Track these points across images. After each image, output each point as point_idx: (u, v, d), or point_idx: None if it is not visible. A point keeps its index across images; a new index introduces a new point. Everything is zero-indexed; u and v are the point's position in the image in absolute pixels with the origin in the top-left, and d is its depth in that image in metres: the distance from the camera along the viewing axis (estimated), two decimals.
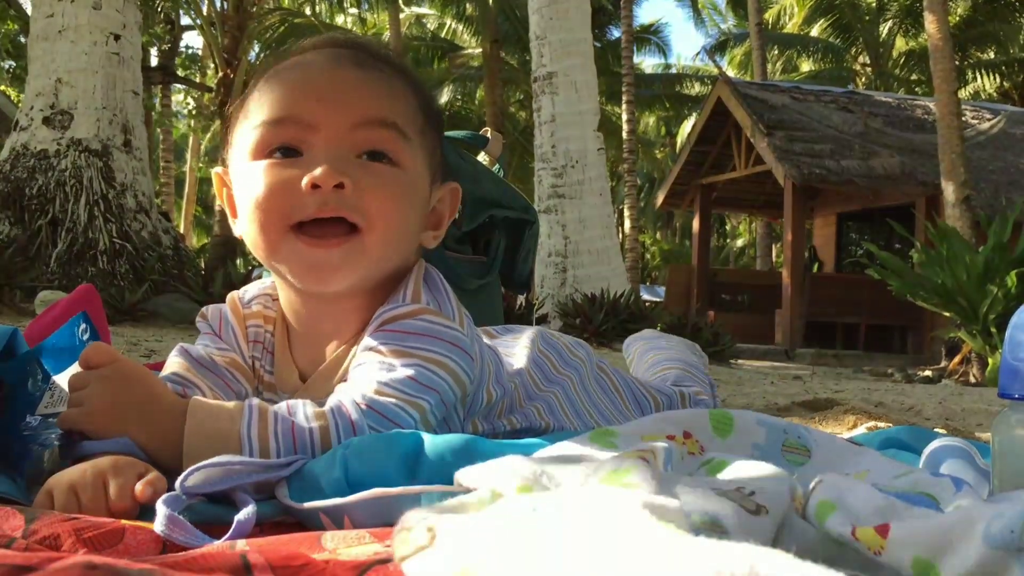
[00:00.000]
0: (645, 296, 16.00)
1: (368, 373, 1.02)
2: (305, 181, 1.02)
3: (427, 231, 1.18)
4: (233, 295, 1.21)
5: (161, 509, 0.78)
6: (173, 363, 1.13)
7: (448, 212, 1.21)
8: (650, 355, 1.76)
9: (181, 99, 26.08)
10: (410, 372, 1.01)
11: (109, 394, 0.96)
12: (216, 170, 1.19)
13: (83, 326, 1.14)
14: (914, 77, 24.99)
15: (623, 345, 1.92)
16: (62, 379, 1.09)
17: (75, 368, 1.03)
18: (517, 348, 1.32)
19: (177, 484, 0.84)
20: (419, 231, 1.15)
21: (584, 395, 1.34)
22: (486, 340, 1.30)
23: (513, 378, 1.22)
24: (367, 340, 1.05)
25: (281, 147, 1.06)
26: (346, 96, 1.06)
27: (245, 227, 1.09)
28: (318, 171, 1.02)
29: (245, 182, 1.08)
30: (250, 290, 1.22)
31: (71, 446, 0.95)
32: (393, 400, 0.99)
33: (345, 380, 1.05)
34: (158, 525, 0.77)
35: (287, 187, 1.03)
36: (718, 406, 1.61)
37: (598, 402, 1.36)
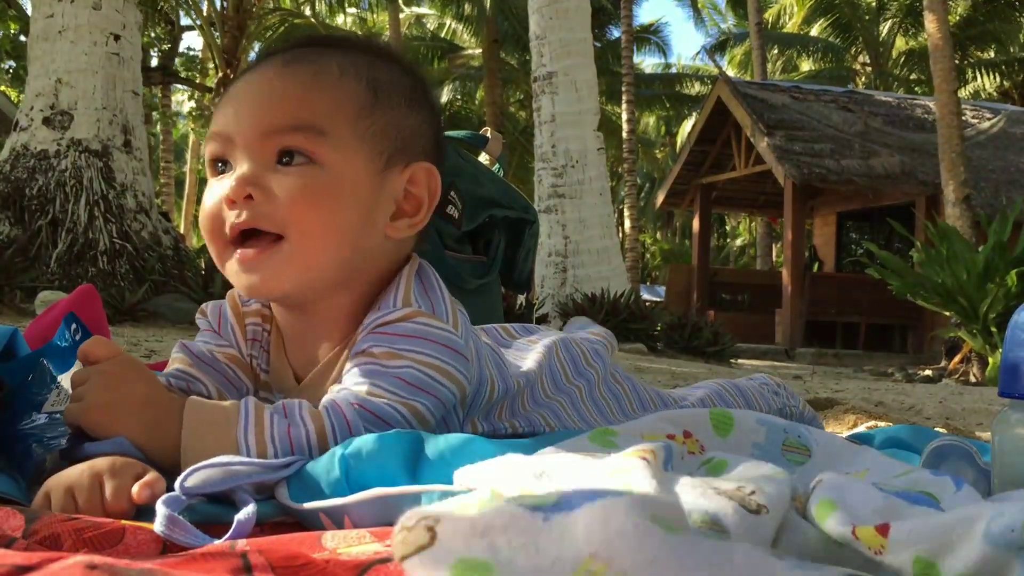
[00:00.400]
0: (645, 296, 16.00)
1: (361, 375, 1.02)
2: (221, 197, 1.04)
3: (400, 220, 1.10)
4: (233, 292, 1.20)
5: (161, 509, 0.78)
6: (175, 359, 1.14)
7: (428, 195, 1.11)
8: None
9: (181, 99, 26.13)
10: (402, 374, 1.01)
11: (107, 389, 0.96)
12: None
13: (74, 326, 1.14)
14: (914, 76, 25.01)
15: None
16: (65, 379, 1.09)
17: (77, 367, 1.04)
18: (531, 351, 1.30)
19: (177, 484, 0.84)
20: (367, 225, 1.07)
21: (592, 406, 1.32)
22: (506, 338, 1.30)
23: (518, 377, 1.21)
24: (360, 343, 1.05)
25: (218, 161, 1.07)
26: (256, 103, 1.05)
27: None
28: (227, 186, 1.03)
29: None
30: None
31: (73, 447, 0.95)
32: (385, 401, 0.99)
33: (339, 383, 1.05)
34: (158, 525, 0.77)
35: (214, 208, 1.05)
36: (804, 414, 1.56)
37: (607, 411, 1.34)
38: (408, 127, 1.11)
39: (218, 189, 1.05)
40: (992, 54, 24.10)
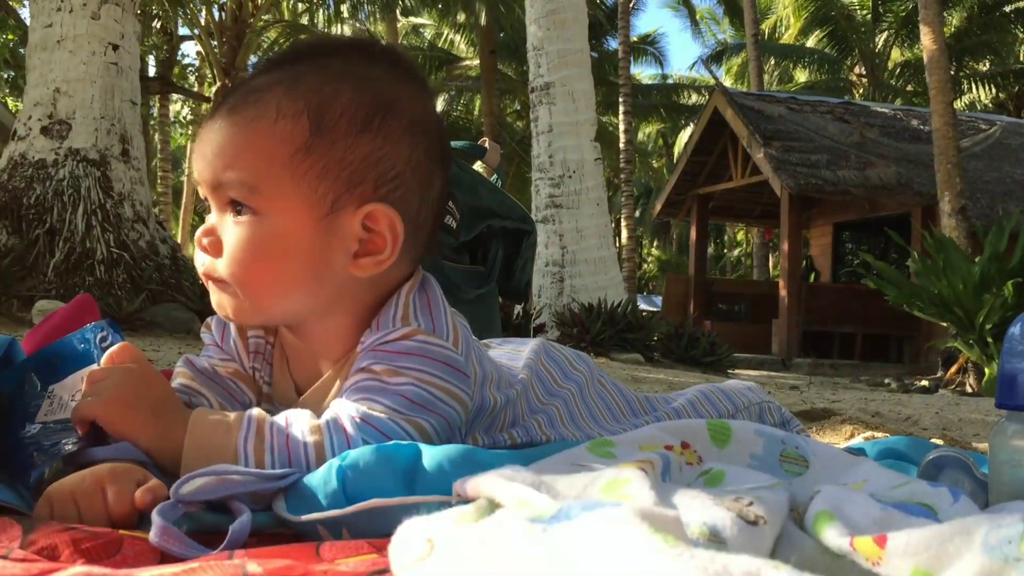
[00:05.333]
0: (642, 306, 16.00)
1: (362, 391, 1.02)
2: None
3: (364, 258, 1.04)
4: None
5: (156, 519, 0.78)
6: (179, 374, 1.15)
7: (390, 235, 1.04)
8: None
9: (180, 109, 26.16)
10: (403, 391, 1.01)
11: (128, 386, 0.98)
12: None
13: (103, 333, 1.15)
14: (910, 88, 25.09)
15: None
16: (71, 383, 1.09)
17: (87, 371, 1.05)
18: (519, 360, 1.31)
19: (171, 491, 0.84)
20: (316, 273, 1.04)
21: (584, 408, 1.33)
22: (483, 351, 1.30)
23: (515, 386, 1.21)
24: (359, 361, 1.05)
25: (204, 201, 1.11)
26: (202, 154, 1.06)
27: None
28: (198, 232, 1.08)
29: None
30: None
31: (76, 452, 0.95)
32: (387, 416, 0.99)
33: (340, 398, 1.05)
34: (152, 535, 0.77)
35: (198, 248, 1.10)
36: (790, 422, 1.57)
37: (597, 414, 1.35)
38: (359, 158, 1.03)
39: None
40: (987, 66, 24.21)
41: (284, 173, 1.02)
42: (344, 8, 19.01)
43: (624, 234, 19.79)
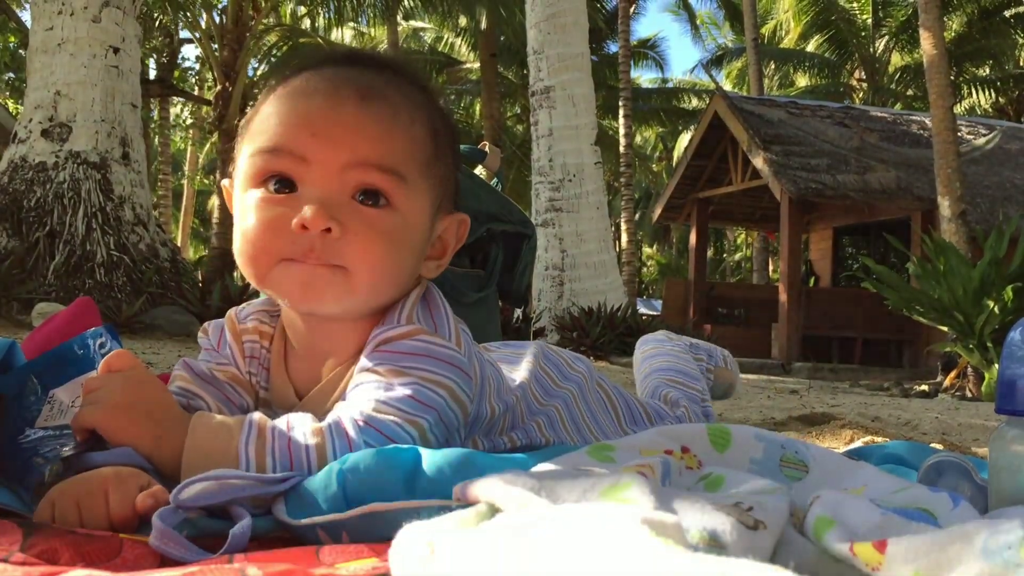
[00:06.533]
0: (642, 310, 16.01)
1: (366, 392, 1.02)
2: (295, 222, 1.00)
3: (429, 261, 1.14)
4: (231, 312, 1.21)
5: (156, 523, 0.78)
6: (177, 377, 1.14)
7: (453, 242, 1.17)
8: (645, 365, 1.76)
9: (179, 111, 26.17)
10: (408, 391, 1.01)
11: (126, 393, 0.98)
12: (224, 183, 1.17)
13: (101, 339, 1.15)
14: (910, 92, 25.09)
15: (636, 344, 1.90)
16: (71, 388, 1.09)
17: (86, 377, 1.05)
18: (518, 363, 1.32)
19: (171, 496, 0.84)
20: (416, 266, 1.11)
21: (585, 408, 1.33)
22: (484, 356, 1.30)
23: (514, 392, 1.22)
24: (363, 361, 1.05)
25: (275, 176, 1.04)
26: (340, 134, 1.02)
27: (236, 253, 1.08)
28: (308, 213, 1.00)
29: (240, 211, 1.07)
30: (249, 306, 1.22)
31: (77, 457, 0.95)
32: (392, 418, 0.99)
33: (343, 400, 1.05)
34: (153, 539, 0.77)
35: (277, 225, 1.02)
36: (711, 419, 1.62)
37: (598, 416, 1.35)
38: (453, 176, 1.16)
39: (282, 208, 1.02)
40: (987, 71, 24.23)
41: (419, 173, 1.08)
42: (347, 9, 18.96)
43: (624, 238, 19.80)
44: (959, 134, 11.85)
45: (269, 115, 1.06)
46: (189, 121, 25.40)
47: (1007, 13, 22.84)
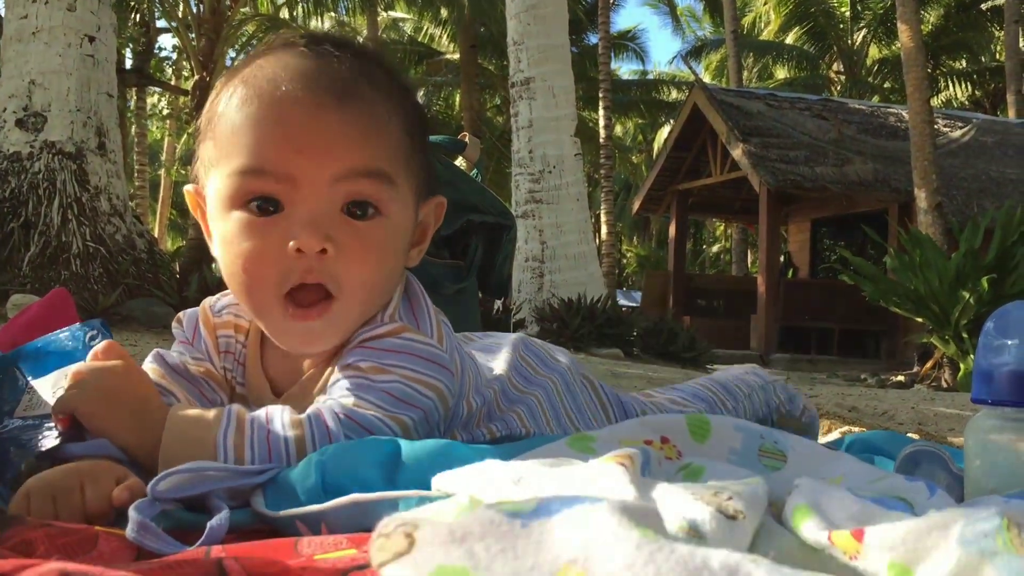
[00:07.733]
0: (622, 301, 16.05)
1: (347, 387, 1.01)
2: (291, 246, 0.97)
3: (412, 249, 1.13)
4: (205, 303, 1.18)
5: (133, 515, 0.78)
6: (149, 369, 1.12)
7: (432, 224, 1.15)
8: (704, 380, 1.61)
9: (155, 101, 25.95)
10: (389, 388, 1.01)
11: (111, 383, 0.98)
12: (188, 188, 1.12)
13: (92, 332, 1.13)
14: (887, 85, 25.28)
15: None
16: (54, 378, 1.08)
17: (71, 367, 1.03)
18: (497, 353, 1.31)
19: (148, 488, 0.84)
20: (402, 263, 1.10)
21: (571, 401, 1.31)
22: (465, 347, 1.29)
23: (492, 384, 1.21)
24: (345, 357, 1.04)
25: (259, 198, 1.00)
26: (324, 145, 0.98)
27: (227, 280, 1.05)
28: (302, 235, 0.97)
29: (223, 235, 1.02)
30: (224, 297, 1.18)
31: (53, 448, 0.94)
32: (372, 413, 0.99)
33: (324, 395, 1.05)
34: (129, 531, 0.77)
35: (272, 252, 0.99)
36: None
37: (585, 410, 1.33)
38: (428, 162, 1.12)
39: (272, 233, 0.99)
40: (964, 64, 24.44)
41: (402, 171, 1.05)
42: None
43: (604, 229, 19.83)
44: (936, 127, 11.94)
45: (242, 126, 1.00)
46: (166, 111, 25.20)
47: (983, 6, 23.04)
